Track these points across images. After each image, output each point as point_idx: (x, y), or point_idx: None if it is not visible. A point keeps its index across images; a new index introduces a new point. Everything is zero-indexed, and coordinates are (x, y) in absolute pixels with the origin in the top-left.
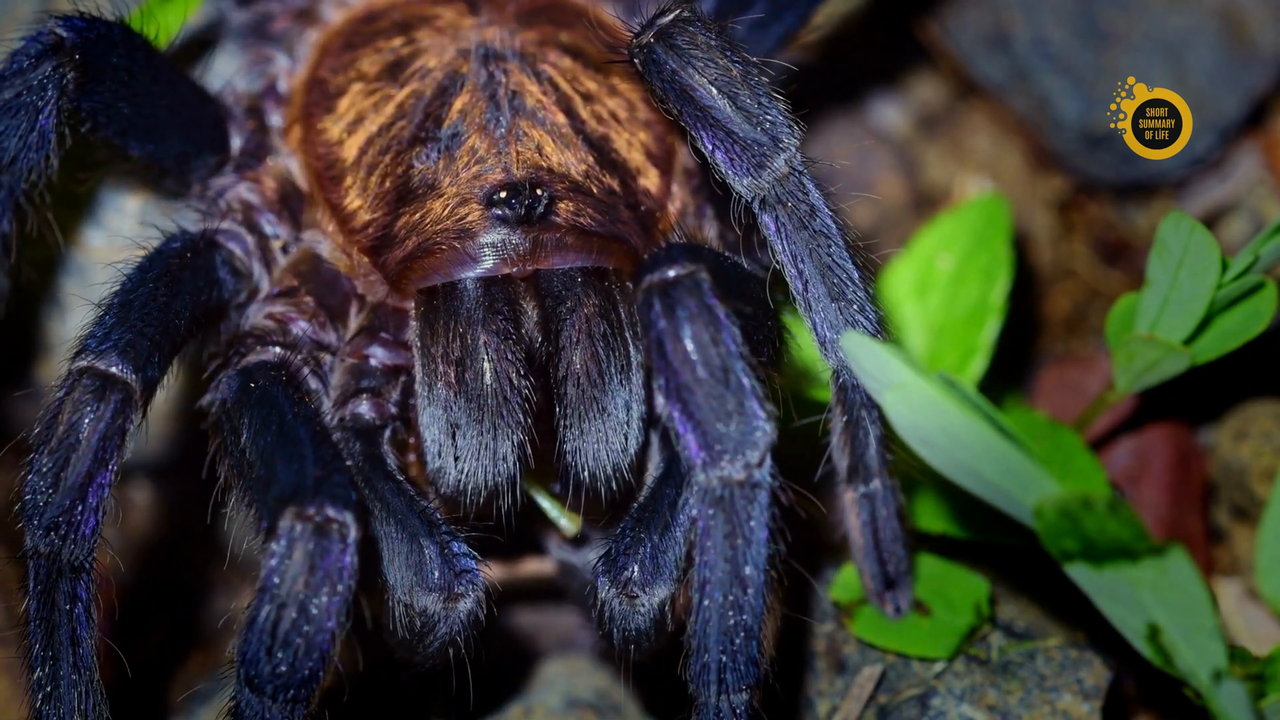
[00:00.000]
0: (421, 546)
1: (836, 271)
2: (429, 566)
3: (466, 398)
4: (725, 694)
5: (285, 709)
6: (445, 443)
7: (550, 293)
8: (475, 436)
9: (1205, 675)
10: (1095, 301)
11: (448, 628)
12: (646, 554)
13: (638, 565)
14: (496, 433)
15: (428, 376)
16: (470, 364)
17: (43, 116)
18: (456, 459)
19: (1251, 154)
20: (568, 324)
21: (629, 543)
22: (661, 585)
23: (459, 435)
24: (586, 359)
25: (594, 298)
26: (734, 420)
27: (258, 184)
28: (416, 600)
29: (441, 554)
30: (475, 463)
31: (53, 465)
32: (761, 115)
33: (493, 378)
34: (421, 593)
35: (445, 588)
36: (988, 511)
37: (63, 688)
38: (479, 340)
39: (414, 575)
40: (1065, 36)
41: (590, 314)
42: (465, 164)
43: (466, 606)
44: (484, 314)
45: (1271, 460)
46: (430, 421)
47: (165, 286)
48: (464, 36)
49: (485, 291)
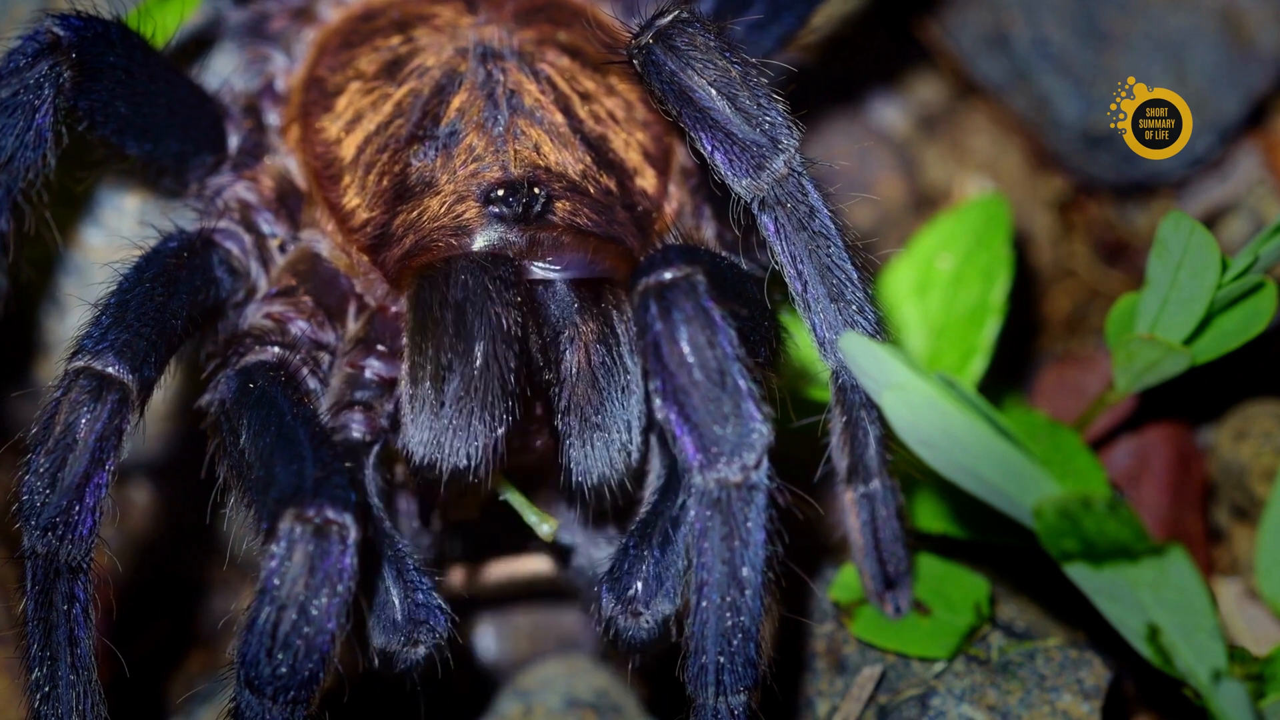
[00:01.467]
0: (388, 588)
1: (836, 272)
2: (391, 610)
3: (458, 381)
4: (723, 695)
5: (285, 710)
6: (429, 415)
7: (548, 321)
8: (463, 418)
9: (1205, 675)
10: (1095, 301)
11: (406, 665)
12: (650, 570)
13: (641, 582)
14: (486, 410)
15: (415, 356)
16: (463, 350)
17: (39, 115)
18: (434, 430)
19: (1251, 154)
20: (567, 354)
21: (632, 560)
22: (665, 601)
23: (445, 409)
24: (587, 388)
25: (591, 323)
26: (730, 422)
27: (255, 183)
28: (375, 637)
29: (405, 597)
30: (459, 440)
31: (50, 465)
32: (760, 116)
33: (482, 364)
34: (380, 631)
35: (406, 634)
36: (987, 512)
37: (61, 688)
38: (472, 324)
39: (377, 614)
40: (1065, 36)
41: (589, 341)
42: (463, 162)
43: (421, 653)
44: (479, 299)
45: (1271, 460)
46: (413, 399)
47: (162, 286)
48: (462, 35)
49: (482, 273)
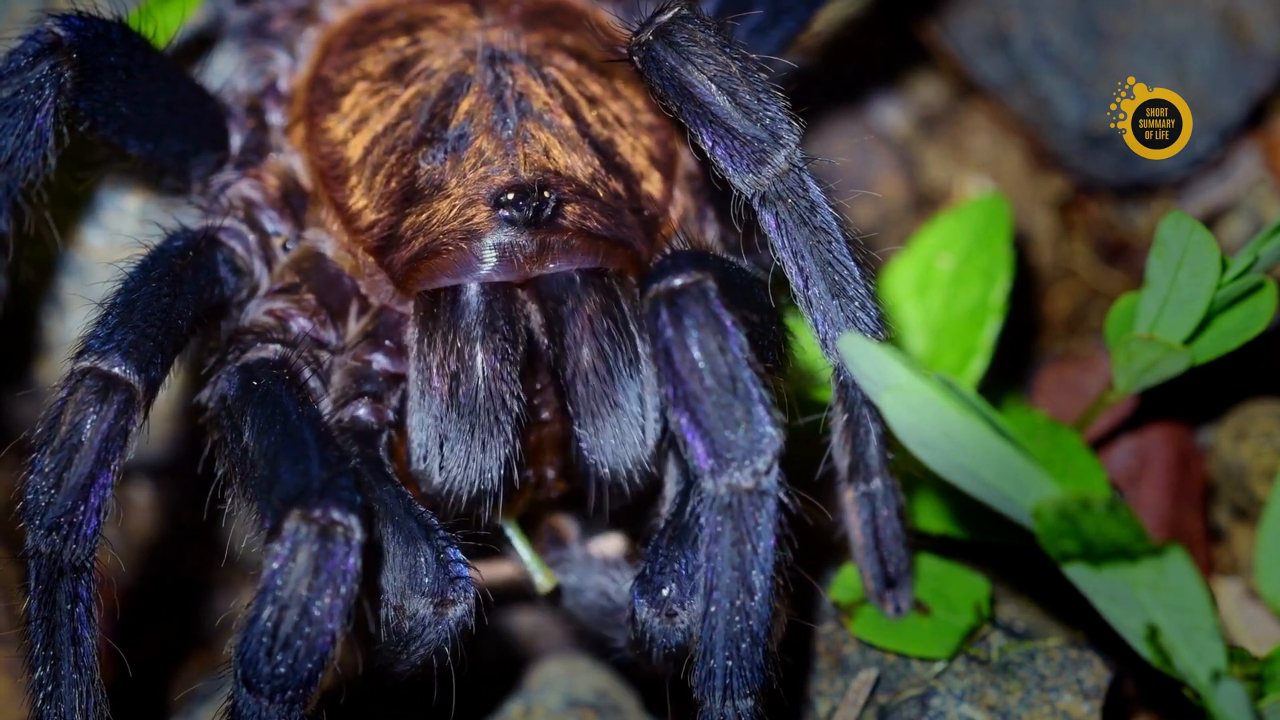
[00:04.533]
0: (417, 550)
1: (837, 268)
2: (423, 571)
3: (459, 412)
4: (730, 700)
5: (283, 710)
6: (433, 450)
7: (551, 295)
8: (464, 450)
9: (1204, 675)
10: (1095, 301)
11: (436, 634)
12: (682, 571)
13: (675, 583)
14: (486, 449)
15: (422, 383)
16: (465, 380)
17: (40, 115)
18: (442, 467)
19: (1251, 154)
20: (571, 324)
21: (663, 561)
22: (699, 600)
23: (447, 446)
24: (594, 355)
25: (595, 295)
26: (742, 428)
27: (260, 181)
28: (409, 604)
29: (437, 559)
30: (461, 473)
31: (55, 466)
32: (761, 111)
33: (486, 396)
34: (414, 596)
35: (438, 593)
36: (988, 511)
37: (63, 687)
38: (476, 357)
39: (407, 578)
40: (1065, 36)
41: (593, 312)
42: (472, 165)
43: (458, 613)
44: (483, 330)
45: (1271, 460)
46: (419, 426)
47: (168, 286)
48: (469, 38)
49: (486, 305)
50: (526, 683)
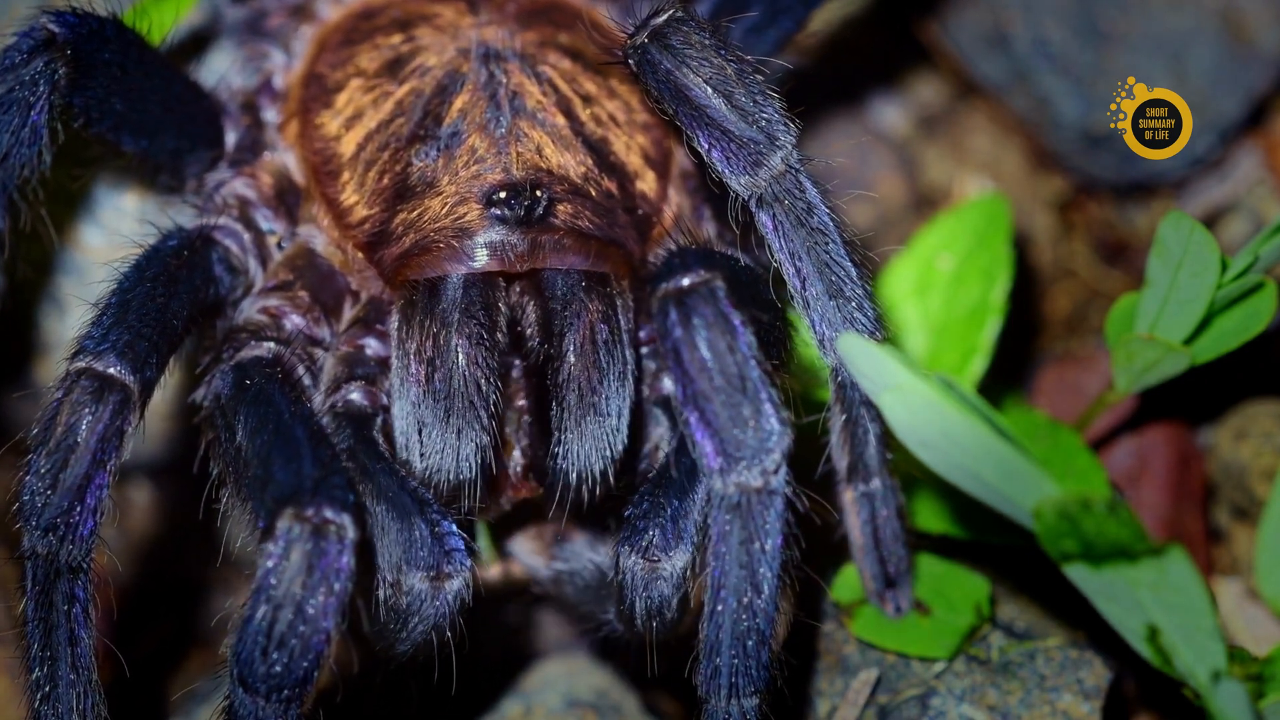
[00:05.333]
0: (412, 525)
1: (834, 268)
2: (418, 545)
3: (434, 398)
4: (735, 698)
5: (279, 709)
6: (413, 437)
7: (553, 295)
8: (440, 436)
9: (1204, 676)
10: (1095, 301)
11: (434, 609)
12: (667, 518)
13: (658, 530)
14: (460, 435)
15: (401, 370)
16: (440, 365)
17: (34, 112)
18: (422, 455)
19: (1251, 154)
20: (572, 329)
21: (648, 508)
22: (682, 550)
23: (425, 432)
24: (589, 365)
25: (597, 303)
26: (751, 427)
27: (254, 179)
28: (405, 579)
29: (432, 533)
30: (439, 459)
31: (51, 466)
32: (757, 113)
33: (460, 382)
34: (410, 571)
35: (434, 566)
36: (988, 511)
37: (61, 688)
38: (451, 342)
39: (403, 553)
40: (1065, 36)
41: (595, 320)
42: (465, 163)
43: (455, 586)
44: (459, 316)
45: (1271, 460)
46: (400, 414)
47: (163, 286)
48: (464, 35)
49: (464, 293)
50: (526, 683)
